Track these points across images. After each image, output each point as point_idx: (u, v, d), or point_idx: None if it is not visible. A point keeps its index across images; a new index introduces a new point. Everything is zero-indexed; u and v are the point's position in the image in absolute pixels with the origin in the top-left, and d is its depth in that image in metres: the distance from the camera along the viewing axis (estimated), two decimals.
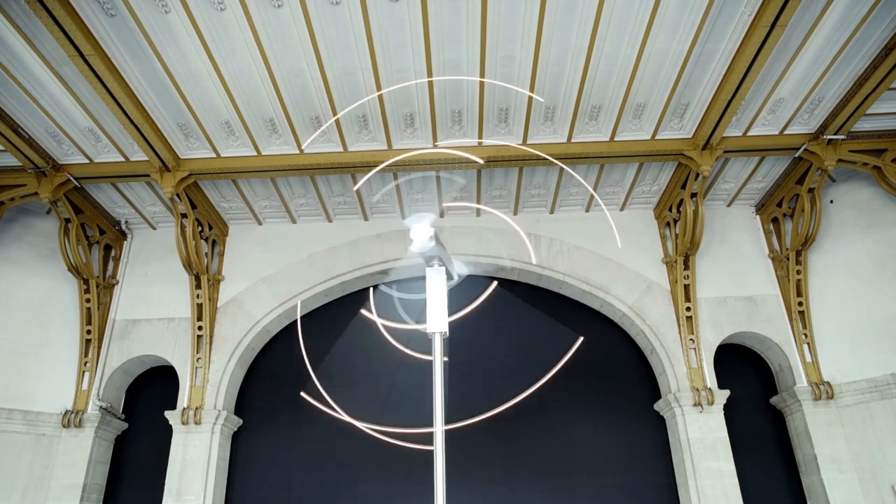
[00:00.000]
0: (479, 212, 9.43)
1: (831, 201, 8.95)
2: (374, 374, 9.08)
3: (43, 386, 8.64)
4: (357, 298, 9.71)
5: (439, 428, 2.37)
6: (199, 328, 8.90)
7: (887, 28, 6.23)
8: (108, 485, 8.77)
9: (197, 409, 8.48)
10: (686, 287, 8.85)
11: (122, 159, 7.96)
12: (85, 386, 8.75)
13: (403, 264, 9.22)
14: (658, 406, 8.87)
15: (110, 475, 8.85)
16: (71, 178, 7.99)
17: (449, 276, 2.67)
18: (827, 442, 8.06)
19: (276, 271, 9.36)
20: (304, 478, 8.71)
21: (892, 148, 7.95)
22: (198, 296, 8.92)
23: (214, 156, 7.87)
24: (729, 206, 9.52)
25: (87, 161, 7.94)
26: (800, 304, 8.73)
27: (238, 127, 7.45)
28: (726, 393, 8.38)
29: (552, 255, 9.29)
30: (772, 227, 9.30)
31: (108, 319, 9.18)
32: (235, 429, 9.02)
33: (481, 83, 6.80)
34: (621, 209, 9.52)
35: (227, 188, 8.84)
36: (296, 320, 9.62)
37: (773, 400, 8.91)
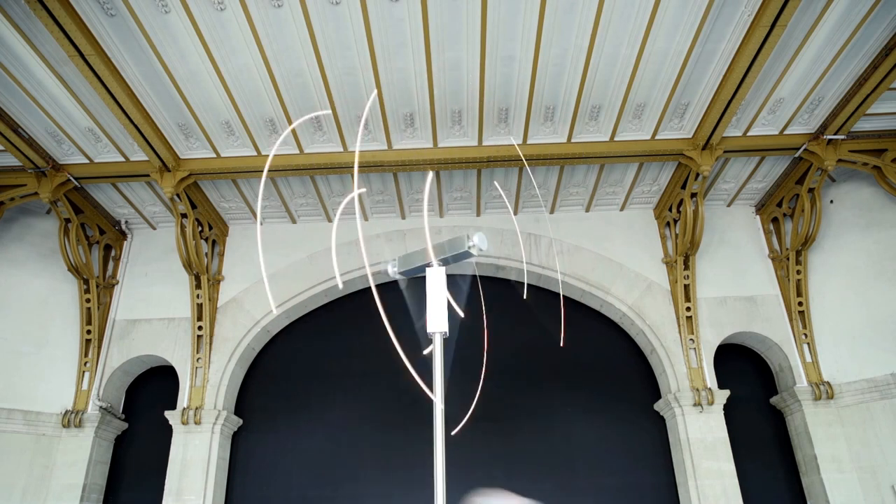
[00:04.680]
0: (479, 211, 9.44)
1: (831, 201, 8.95)
2: (375, 373, 9.08)
3: (43, 386, 8.64)
4: (357, 298, 9.72)
5: (439, 427, 2.37)
6: (199, 328, 8.90)
7: (887, 28, 6.23)
8: (108, 485, 8.77)
9: (197, 409, 8.48)
10: (686, 287, 8.85)
11: (122, 159, 7.96)
12: (85, 386, 8.74)
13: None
14: (658, 406, 8.87)
15: (110, 475, 8.84)
16: (71, 178, 7.99)
17: (466, 256, 2.58)
18: (827, 442, 8.06)
19: (275, 271, 9.36)
20: (304, 478, 8.71)
21: (892, 148, 7.95)
22: (198, 296, 8.92)
23: (214, 156, 7.87)
24: (729, 206, 9.52)
25: (87, 161, 7.94)
26: (800, 304, 8.73)
27: (238, 127, 7.45)
28: (726, 393, 8.38)
29: (552, 255, 9.29)
30: (772, 227, 9.30)
31: (108, 319, 9.18)
32: (235, 429, 9.01)
33: (481, 84, 6.80)
34: (621, 209, 9.53)
35: (227, 188, 8.85)
36: (295, 321, 9.64)
37: (773, 400, 8.91)
